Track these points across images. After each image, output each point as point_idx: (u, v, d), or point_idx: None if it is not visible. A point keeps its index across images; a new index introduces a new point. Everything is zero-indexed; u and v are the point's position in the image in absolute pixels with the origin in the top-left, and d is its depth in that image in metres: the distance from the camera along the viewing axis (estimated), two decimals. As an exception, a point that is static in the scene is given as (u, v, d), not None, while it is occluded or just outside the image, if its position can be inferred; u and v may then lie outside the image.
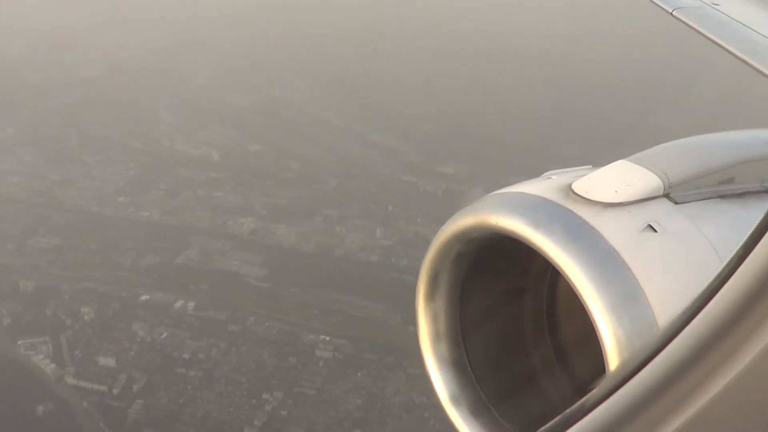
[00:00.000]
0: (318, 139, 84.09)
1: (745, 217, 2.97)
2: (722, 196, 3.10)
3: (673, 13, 5.22)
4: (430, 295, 3.35)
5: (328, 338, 55.14)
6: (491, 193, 3.14)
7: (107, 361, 52.02)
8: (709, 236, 2.84)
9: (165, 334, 54.81)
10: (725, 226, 2.90)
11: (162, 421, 47.61)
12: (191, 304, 57.87)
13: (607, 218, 2.83)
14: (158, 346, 53.90)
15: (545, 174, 3.22)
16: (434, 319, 3.39)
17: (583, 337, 3.05)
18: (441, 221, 3.26)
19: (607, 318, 2.61)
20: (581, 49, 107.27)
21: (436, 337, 3.40)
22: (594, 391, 1.66)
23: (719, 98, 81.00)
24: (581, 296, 2.67)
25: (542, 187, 3.04)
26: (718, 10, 5.25)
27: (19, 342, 53.69)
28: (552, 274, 3.45)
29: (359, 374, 52.24)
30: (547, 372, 3.54)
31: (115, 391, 49.69)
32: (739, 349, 1.36)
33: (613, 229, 2.79)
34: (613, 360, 2.59)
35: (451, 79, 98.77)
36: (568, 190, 2.96)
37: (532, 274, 3.47)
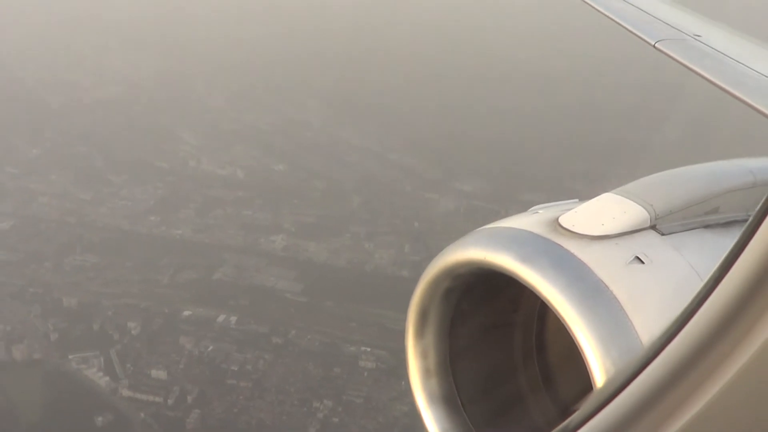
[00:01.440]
0: (339, 159, 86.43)
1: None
2: (708, 226, 3.13)
3: (656, 45, 5.22)
4: (420, 332, 3.40)
5: (369, 349, 57.20)
6: (478, 229, 3.16)
7: (159, 374, 53.81)
8: (696, 267, 2.87)
9: (211, 347, 56.70)
10: (712, 257, 2.82)
11: (219, 430, 49.43)
12: (233, 318, 59.81)
13: (595, 251, 2.86)
14: (206, 358, 55.76)
15: (532, 209, 3.28)
16: (424, 356, 3.44)
17: (572, 369, 3.07)
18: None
19: (596, 350, 2.64)
20: (569, 79, 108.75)
21: (426, 373, 3.45)
22: (575, 413, 1.73)
23: (703, 129, 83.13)
24: (570, 329, 2.70)
25: (529, 221, 3.06)
26: (699, 41, 5.28)
27: (70, 356, 55.36)
28: (540, 307, 3.47)
29: (403, 383, 54.14)
30: (537, 404, 3.56)
31: (170, 401, 51.48)
32: (720, 365, 1.38)
33: (601, 261, 2.82)
34: None
35: (463, 98, 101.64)
36: (555, 224, 2.99)
37: (520, 308, 3.49)
